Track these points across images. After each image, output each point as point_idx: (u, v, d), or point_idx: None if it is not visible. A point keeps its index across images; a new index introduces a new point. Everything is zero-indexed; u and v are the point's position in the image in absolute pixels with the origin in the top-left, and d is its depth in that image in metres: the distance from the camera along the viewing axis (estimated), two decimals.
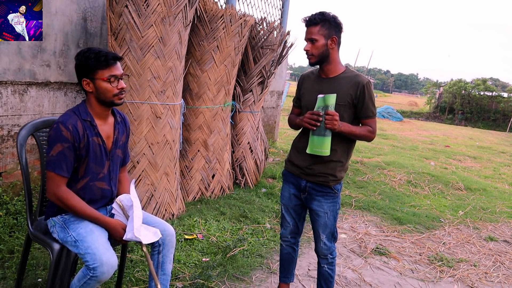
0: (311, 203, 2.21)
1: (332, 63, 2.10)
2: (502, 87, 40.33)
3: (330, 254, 2.26)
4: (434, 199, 5.39)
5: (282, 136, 9.40)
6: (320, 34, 2.03)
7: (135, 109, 3.27)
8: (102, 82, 1.80)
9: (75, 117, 1.81)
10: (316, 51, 2.06)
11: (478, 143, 13.26)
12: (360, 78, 2.07)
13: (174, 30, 3.26)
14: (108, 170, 1.94)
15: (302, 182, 2.22)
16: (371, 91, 2.08)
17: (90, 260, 1.70)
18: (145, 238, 1.84)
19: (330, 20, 2.04)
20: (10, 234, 2.74)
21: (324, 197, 2.18)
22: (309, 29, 2.06)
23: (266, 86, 4.91)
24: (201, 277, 2.62)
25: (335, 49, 2.09)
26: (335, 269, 2.32)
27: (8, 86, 2.86)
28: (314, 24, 2.04)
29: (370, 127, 2.11)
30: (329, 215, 2.19)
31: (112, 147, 1.95)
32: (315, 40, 2.04)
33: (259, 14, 5.88)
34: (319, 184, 2.16)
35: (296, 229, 2.39)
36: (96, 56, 1.78)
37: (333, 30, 2.05)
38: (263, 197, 4.50)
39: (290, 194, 2.31)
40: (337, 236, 2.28)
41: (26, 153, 2.01)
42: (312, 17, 2.05)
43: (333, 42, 2.06)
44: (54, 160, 1.75)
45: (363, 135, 2.10)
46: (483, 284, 3.14)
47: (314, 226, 2.25)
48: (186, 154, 4.14)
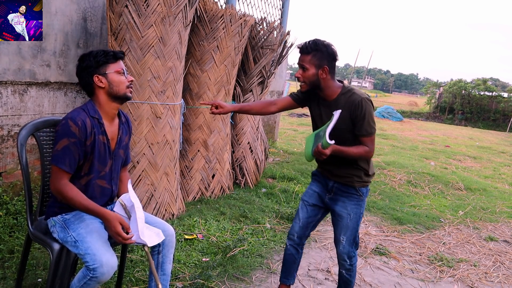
0: (336, 204, 2.23)
1: (325, 89, 2.12)
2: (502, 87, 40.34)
3: (349, 259, 2.23)
4: (434, 199, 5.39)
5: (282, 136, 9.40)
6: (311, 64, 2.05)
7: (135, 109, 3.27)
8: (115, 74, 1.86)
9: (84, 113, 1.83)
10: (307, 79, 2.09)
11: (478, 143, 13.26)
12: (354, 97, 2.07)
13: (174, 30, 3.26)
14: (110, 169, 1.95)
15: (330, 183, 2.26)
16: (366, 108, 2.04)
17: (90, 260, 1.69)
18: (149, 240, 1.83)
19: (323, 50, 2.04)
20: (10, 234, 2.74)
21: (349, 198, 2.20)
22: (301, 56, 2.08)
23: (266, 86, 4.91)
24: (201, 277, 2.62)
25: (327, 78, 2.08)
26: (355, 275, 2.32)
27: (8, 86, 2.86)
28: (306, 53, 2.06)
29: (366, 147, 2.08)
30: (352, 217, 2.20)
31: (116, 147, 1.97)
32: (306, 69, 2.07)
33: (259, 14, 5.89)
34: (345, 185, 2.20)
35: (305, 229, 2.38)
36: (104, 53, 1.85)
37: (325, 60, 2.05)
38: (263, 197, 4.50)
39: (313, 191, 2.34)
40: (358, 242, 2.27)
41: (26, 153, 2.01)
42: (304, 45, 2.07)
43: (324, 72, 2.06)
44: (59, 154, 1.76)
45: (357, 154, 2.07)
46: (483, 284, 3.14)
47: (336, 229, 2.25)
48: (186, 154, 4.14)
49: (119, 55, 1.89)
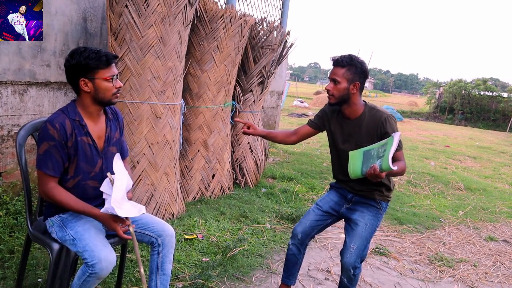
0: (353, 213, 2.24)
1: (352, 106, 2.16)
2: (502, 87, 40.30)
3: (353, 269, 2.21)
4: (434, 199, 5.39)
5: None
6: (344, 77, 2.08)
7: (135, 109, 3.27)
8: (103, 81, 1.79)
9: (63, 116, 1.79)
10: (337, 93, 2.10)
11: (478, 143, 13.26)
12: (379, 114, 2.11)
13: (174, 30, 3.26)
14: (100, 168, 1.91)
15: (349, 194, 2.28)
16: (392, 124, 2.09)
17: (88, 257, 1.70)
18: (123, 211, 1.69)
19: (357, 66, 2.08)
20: (10, 234, 2.74)
21: (368, 208, 2.22)
22: (334, 69, 2.11)
23: (266, 86, 4.91)
24: (201, 277, 2.62)
25: (357, 94, 2.13)
26: (356, 284, 2.28)
27: (8, 86, 2.86)
28: (341, 66, 2.08)
29: (402, 161, 2.09)
30: (367, 227, 2.19)
31: (105, 145, 1.93)
32: (338, 82, 2.09)
33: (259, 14, 5.89)
34: (365, 197, 2.22)
35: (311, 230, 2.37)
36: (97, 56, 1.75)
37: (357, 76, 2.09)
38: (263, 197, 4.50)
39: (330, 199, 2.36)
40: (366, 255, 2.25)
41: (26, 153, 2.01)
42: (340, 58, 2.09)
43: (355, 87, 2.10)
44: (41, 158, 1.75)
45: (400, 171, 2.06)
46: (483, 284, 3.14)
47: (348, 237, 2.22)
48: (186, 154, 4.14)
49: (112, 60, 1.79)
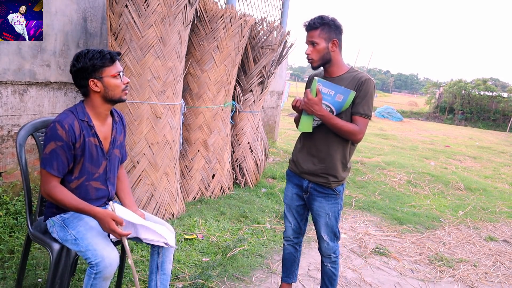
0: (313, 204, 2.22)
1: (335, 65, 2.13)
2: (502, 87, 40.28)
3: (333, 253, 2.27)
4: (434, 199, 5.39)
5: (282, 136, 9.40)
6: (321, 37, 2.06)
7: (135, 109, 3.27)
8: (111, 79, 1.82)
9: (72, 116, 1.80)
10: (318, 55, 2.08)
11: (478, 143, 13.26)
12: (360, 75, 2.07)
13: (174, 30, 3.26)
14: (104, 170, 1.93)
15: (304, 182, 2.23)
16: (369, 89, 2.04)
17: (91, 256, 1.70)
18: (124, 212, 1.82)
19: (330, 23, 2.06)
20: (10, 234, 2.74)
21: (326, 198, 2.18)
22: (309, 33, 2.09)
23: (266, 86, 4.91)
24: (201, 277, 2.62)
25: (337, 51, 2.10)
26: (339, 268, 2.34)
27: (8, 86, 2.86)
28: (314, 28, 2.07)
29: (356, 125, 2.04)
30: (330, 216, 2.20)
31: (110, 147, 1.94)
32: (316, 43, 2.06)
33: (259, 14, 5.89)
34: (321, 185, 2.18)
35: (299, 229, 2.39)
36: (100, 55, 1.79)
37: (333, 33, 2.07)
38: (263, 197, 4.50)
39: (292, 194, 2.33)
40: (339, 235, 2.29)
41: (26, 153, 2.01)
42: (311, 21, 2.08)
43: (334, 45, 2.08)
44: (47, 158, 1.75)
45: (345, 130, 2.02)
46: (483, 284, 3.14)
47: (316, 226, 2.26)
48: (186, 154, 4.14)
49: (116, 57, 1.83)
